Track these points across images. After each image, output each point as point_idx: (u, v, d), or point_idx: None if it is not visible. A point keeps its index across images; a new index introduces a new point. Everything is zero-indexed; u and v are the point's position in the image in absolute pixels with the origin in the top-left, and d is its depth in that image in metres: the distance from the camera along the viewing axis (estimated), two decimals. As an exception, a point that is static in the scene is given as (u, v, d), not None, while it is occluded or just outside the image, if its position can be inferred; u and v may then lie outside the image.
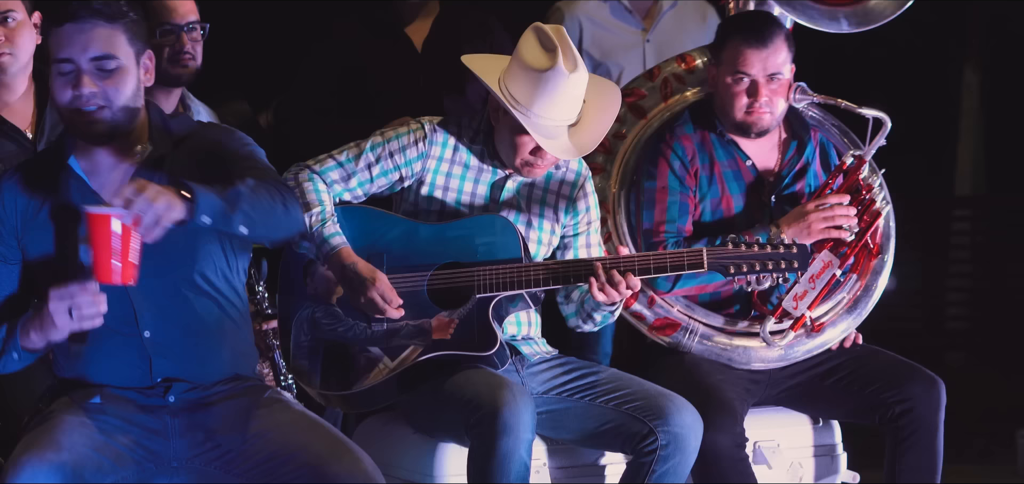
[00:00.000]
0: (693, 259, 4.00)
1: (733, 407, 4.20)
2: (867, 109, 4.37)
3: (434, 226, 4.07)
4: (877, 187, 4.41)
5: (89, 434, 3.34)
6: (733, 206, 4.42)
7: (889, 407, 4.30)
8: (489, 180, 4.14)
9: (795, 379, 4.43)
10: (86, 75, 3.34)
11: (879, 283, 4.53)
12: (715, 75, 4.41)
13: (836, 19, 4.60)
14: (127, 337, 3.43)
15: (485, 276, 3.99)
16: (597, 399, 4.04)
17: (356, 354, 4.03)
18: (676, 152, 4.39)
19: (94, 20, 3.34)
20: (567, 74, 3.96)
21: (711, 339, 4.38)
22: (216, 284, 3.51)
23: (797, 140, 4.48)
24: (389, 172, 4.10)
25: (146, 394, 3.44)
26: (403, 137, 4.11)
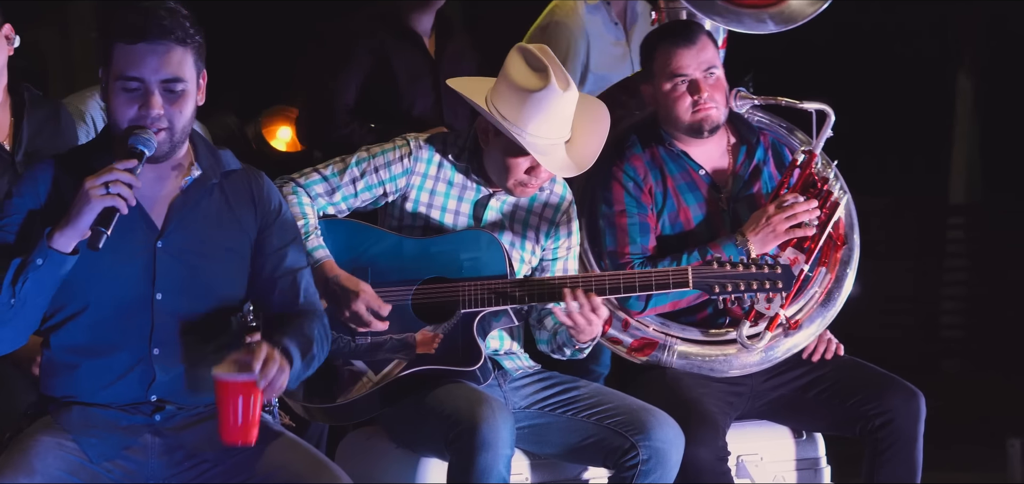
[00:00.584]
0: (679, 278, 4.02)
1: (714, 420, 4.22)
2: (809, 103, 4.40)
3: (419, 241, 4.09)
4: (832, 178, 4.44)
5: (64, 457, 3.35)
6: (691, 217, 4.44)
7: (869, 419, 4.32)
8: (473, 198, 4.16)
9: (777, 391, 4.45)
10: (155, 96, 3.35)
11: (849, 273, 4.55)
12: (652, 91, 4.44)
13: (762, 21, 4.63)
14: (134, 352, 3.43)
15: (470, 291, 4.01)
16: (579, 414, 4.06)
17: (339, 367, 4.05)
18: (627, 173, 4.41)
19: (168, 42, 3.35)
20: (561, 92, 3.98)
21: (690, 353, 4.39)
22: (233, 304, 3.54)
23: (746, 144, 4.51)
24: (374, 187, 4.12)
25: (132, 412, 3.44)
26: (388, 153, 4.13)
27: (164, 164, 3.46)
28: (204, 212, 3.49)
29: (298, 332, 3.47)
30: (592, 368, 5.16)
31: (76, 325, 3.42)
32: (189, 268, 3.44)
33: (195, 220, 3.47)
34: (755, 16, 4.62)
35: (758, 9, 4.64)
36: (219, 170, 3.53)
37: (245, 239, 3.54)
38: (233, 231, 3.52)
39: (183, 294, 3.44)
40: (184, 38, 3.37)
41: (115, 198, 3.25)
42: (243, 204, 3.54)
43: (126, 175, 3.27)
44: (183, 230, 3.45)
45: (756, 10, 4.64)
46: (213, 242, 3.48)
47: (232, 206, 3.52)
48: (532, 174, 4.06)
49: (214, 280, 3.48)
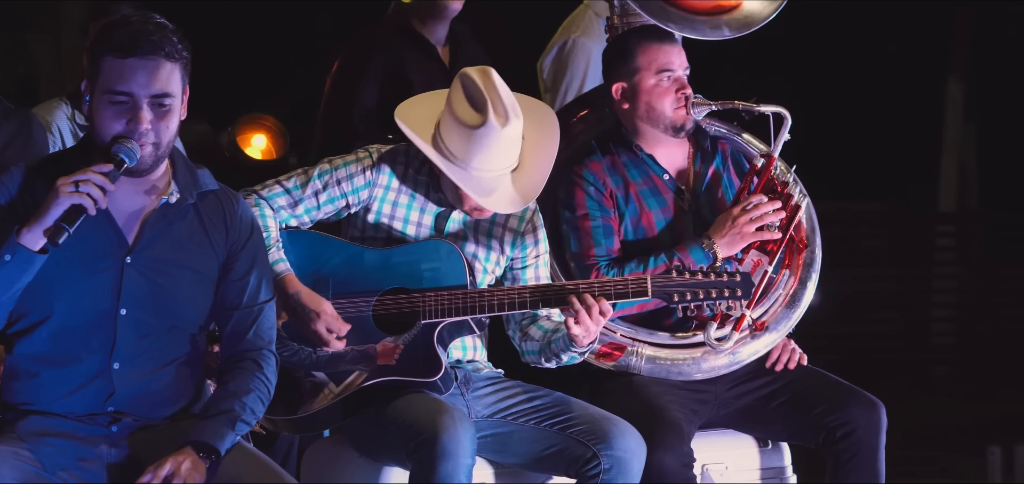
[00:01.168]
0: (637, 287, 4.02)
1: (680, 427, 4.24)
2: (766, 106, 4.42)
3: (380, 251, 4.11)
4: (792, 182, 4.46)
5: (20, 467, 3.38)
6: (654, 221, 4.46)
7: (831, 430, 4.34)
8: (435, 210, 4.18)
9: (740, 400, 4.47)
10: (143, 111, 3.38)
11: (812, 276, 4.56)
12: (628, 88, 4.45)
13: (718, 28, 4.64)
14: (94, 365, 3.46)
15: (430, 302, 4.02)
16: (542, 422, 4.07)
17: (301, 378, 4.07)
18: (587, 179, 4.44)
19: (158, 57, 3.38)
20: (499, 128, 3.98)
21: (658, 357, 4.40)
22: (194, 328, 3.57)
23: (701, 150, 4.54)
24: (336, 200, 4.14)
25: (89, 423, 3.47)
26: (351, 165, 4.15)
27: (141, 180, 3.48)
28: (177, 232, 3.51)
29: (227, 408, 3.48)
30: None
31: (39, 333, 3.45)
32: (155, 286, 3.47)
33: (167, 239, 3.50)
34: (711, 23, 4.64)
35: (714, 16, 4.65)
36: (196, 190, 3.55)
37: (214, 261, 3.56)
38: (203, 254, 3.55)
39: (147, 311, 3.47)
40: (173, 54, 3.40)
41: (84, 196, 3.28)
42: (216, 226, 3.57)
43: (99, 177, 3.30)
44: (153, 248, 3.48)
45: (712, 17, 4.65)
46: (182, 263, 3.51)
47: (206, 228, 3.55)
48: (479, 210, 4.09)
49: (179, 301, 3.51)
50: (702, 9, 4.65)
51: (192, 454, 3.36)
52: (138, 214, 3.49)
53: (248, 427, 3.52)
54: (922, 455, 7.40)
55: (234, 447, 3.49)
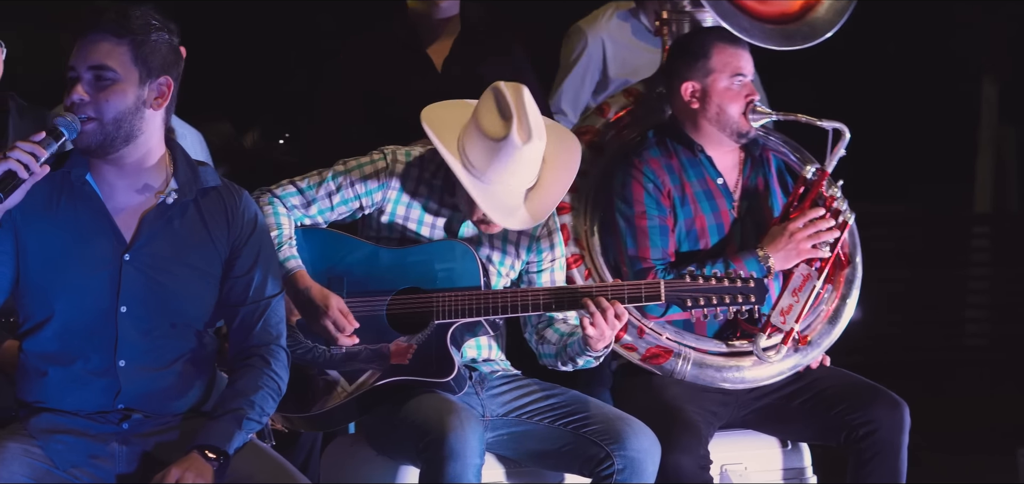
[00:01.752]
0: (651, 291, 4.01)
1: (697, 428, 4.21)
2: (826, 121, 4.38)
3: (395, 251, 4.10)
4: (839, 198, 4.42)
5: (30, 464, 3.39)
6: (706, 226, 4.43)
7: (853, 429, 4.31)
8: (448, 216, 4.17)
9: (761, 401, 4.43)
10: (81, 84, 3.40)
11: (853, 293, 4.53)
12: (699, 89, 4.40)
13: (791, 37, 4.61)
14: (99, 363, 3.47)
15: (444, 302, 4.02)
16: (556, 421, 4.06)
17: (314, 376, 4.07)
18: (647, 175, 4.40)
19: (102, 33, 3.40)
20: (521, 145, 3.95)
21: (704, 363, 4.38)
22: (199, 324, 3.56)
23: (751, 158, 4.50)
24: (350, 201, 4.14)
25: (99, 420, 3.48)
26: (366, 167, 4.14)
27: (138, 177, 3.48)
28: (176, 230, 3.51)
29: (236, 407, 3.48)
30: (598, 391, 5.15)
31: (44, 333, 3.46)
32: (155, 284, 3.47)
33: (166, 237, 3.49)
34: (782, 32, 4.61)
35: (782, 24, 4.63)
36: (197, 186, 3.55)
37: (216, 258, 3.55)
38: (205, 250, 3.54)
39: (148, 308, 3.47)
40: (121, 32, 3.40)
41: (12, 162, 3.28)
42: (218, 223, 3.56)
43: (30, 144, 3.30)
44: (152, 246, 3.48)
45: (781, 26, 4.62)
46: (182, 261, 3.51)
47: (207, 225, 3.54)
48: (488, 225, 4.07)
49: (180, 298, 3.50)
50: (771, 17, 4.63)
51: (197, 461, 3.36)
52: (136, 212, 3.49)
53: (258, 425, 3.51)
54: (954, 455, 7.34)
55: (247, 446, 3.49)
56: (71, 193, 3.47)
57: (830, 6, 4.62)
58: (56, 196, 3.47)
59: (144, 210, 3.49)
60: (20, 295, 3.48)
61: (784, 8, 4.63)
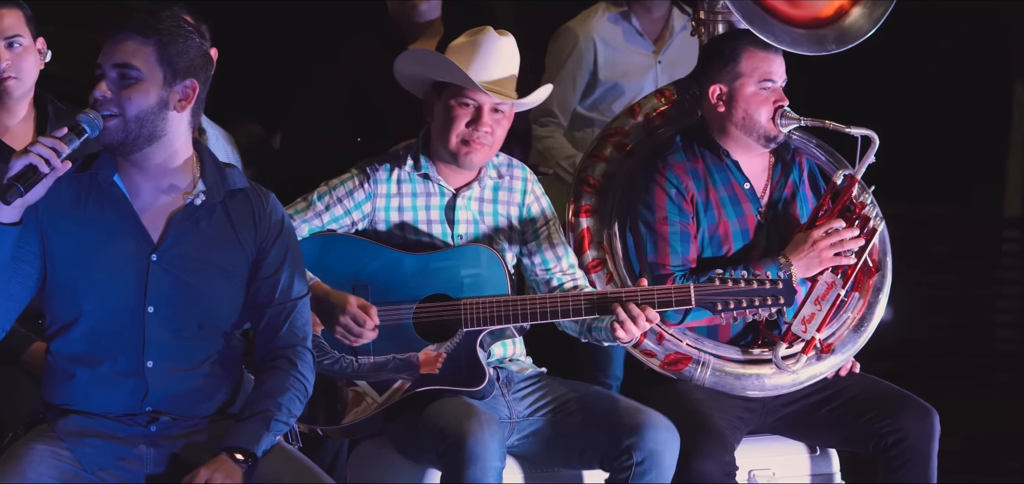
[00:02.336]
0: (681, 295, 4.02)
1: (722, 435, 4.19)
2: (855, 128, 4.36)
3: (418, 256, 4.11)
4: (870, 205, 4.40)
5: (58, 466, 3.39)
6: (730, 231, 4.41)
7: (882, 437, 4.28)
8: (440, 203, 4.18)
9: (789, 407, 4.41)
10: (105, 81, 3.41)
11: (881, 300, 4.51)
12: (727, 92, 4.38)
13: (823, 43, 4.57)
14: (127, 364, 3.47)
15: (472, 310, 4.02)
16: (574, 417, 4.08)
17: (342, 387, 4.08)
18: (671, 181, 4.38)
19: (128, 32, 3.41)
20: (498, 36, 4.10)
21: (723, 370, 4.36)
22: (226, 326, 3.56)
23: (781, 163, 4.48)
24: (340, 218, 4.16)
25: (128, 423, 3.48)
26: (347, 183, 4.17)
27: (165, 177, 3.48)
28: (203, 231, 3.51)
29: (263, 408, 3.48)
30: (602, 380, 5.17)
31: (72, 334, 3.46)
32: (181, 284, 3.47)
33: (193, 238, 3.49)
34: (813, 37, 4.57)
35: (815, 29, 4.59)
36: (224, 188, 3.55)
37: (243, 260, 3.55)
38: (232, 252, 3.54)
39: (174, 309, 3.47)
40: (148, 32, 3.41)
41: (34, 156, 3.28)
42: (245, 224, 3.56)
43: (51, 140, 3.31)
44: (179, 246, 3.48)
45: (815, 31, 4.58)
46: (209, 262, 3.50)
47: (234, 226, 3.54)
48: (475, 126, 4.08)
49: (207, 299, 3.50)
50: (803, 21, 4.59)
51: (226, 463, 3.36)
52: (163, 213, 3.49)
53: (286, 427, 3.51)
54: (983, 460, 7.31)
55: (274, 448, 3.48)
56: (99, 194, 3.48)
57: (863, 12, 4.58)
58: (83, 197, 3.47)
59: (171, 211, 3.49)
60: (47, 296, 3.48)
61: (816, 12, 4.59)
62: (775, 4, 4.55)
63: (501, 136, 4.15)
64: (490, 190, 4.22)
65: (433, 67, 4.13)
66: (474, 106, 4.09)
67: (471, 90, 4.06)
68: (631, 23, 5.52)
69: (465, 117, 4.08)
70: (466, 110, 4.09)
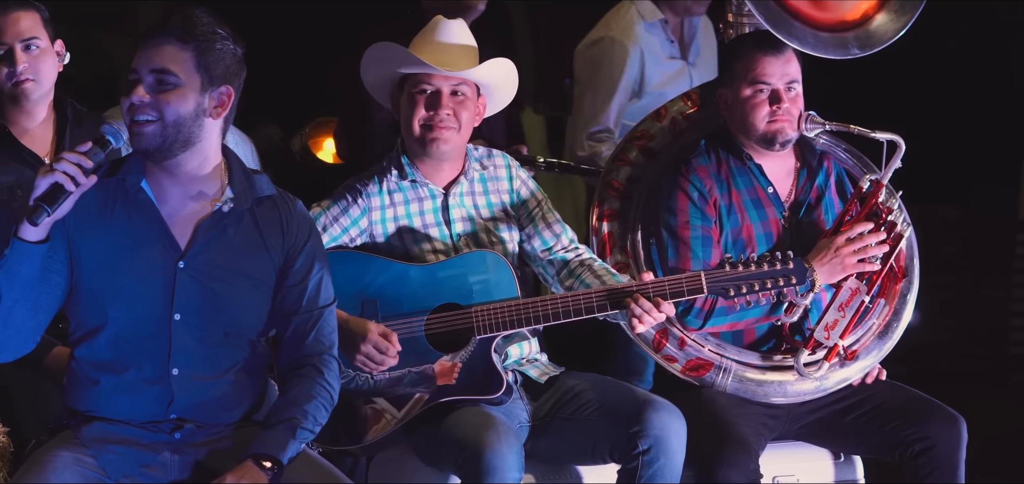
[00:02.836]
0: (692, 283, 4.01)
1: (747, 443, 4.17)
2: (881, 133, 4.33)
3: (425, 267, 4.10)
4: (896, 209, 4.37)
5: (82, 472, 3.37)
6: (754, 234, 4.38)
7: (909, 445, 4.25)
8: (433, 206, 4.17)
9: (814, 414, 4.38)
10: (143, 86, 3.38)
11: (907, 307, 4.49)
12: (729, 95, 4.37)
13: (846, 46, 4.53)
14: (152, 371, 3.44)
15: (483, 316, 4.00)
16: (586, 411, 4.06)
17: (360, 406, 4.06)
18: (693, 184, 4.35)
19: (165, 37, 3.39)
20: (447, 19, 4.13)
21: (745, 376, 4.33)
22: (252, 334, 3.54)
23: (808, 167, 4.45)
24: (339, 237, 4.15)
25: (152, 429, 3.45)
26: (340, 203, 4.16)
27: (193, 184, 3.46)
28: (231, 238, 3.49)
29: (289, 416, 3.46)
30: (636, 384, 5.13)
31: (97, 341, 3.44)
32: (209, 292, 3.45)
33: (221, 245, 3.47)
34: (839, 41, 4.54)
35: (841, 33, 4.55)
36: (252, 196, 3.53)
37: (271, 267, 3.53)
38: (260, 259, 3.52)
39: (202, 317, 3.45)
40: (186, 38, 3.39)
41: (59, 175, 3.24)
42: (272, 231, 3.54)
43: (76, 156, 3.28)
44: (207, 253, 3.46)
45: (839, 35, 4.55)
46: (236, 269, 3.48)
47: (262, 233, 3.52)
48: (435, 107, 4.07)
49: (234, 306, 3.48)
50: (827, 24, 4.55)
51: (252, 469, 3.34)
52: (191, 219, 3.47)
53: (311, 435, 3.49)
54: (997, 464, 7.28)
55: (298, 455, 3.46)
56: (126, 200, 3.46)
57: (888, 17, 4.55)
58: (110, 203, 3.45)
59: (199, 218, 3.47)
60: (72, 303, 3.46)
61: (840, 15, 4.56)
62: (798, 6, 4.52)
63: (468, 121, 4.12)
64: (479, 183, 4.22)
65: (386, 60, 4.11)
66: (431, 90, 4.08)
67: (425, 73, 4.06)
68: (666, 31, 5.47)
69: (424, 102, 4.08)
70: (424, 95, 4.08)
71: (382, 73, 4.16)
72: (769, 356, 4.37)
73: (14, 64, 4.17)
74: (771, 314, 4.33)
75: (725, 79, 4.41)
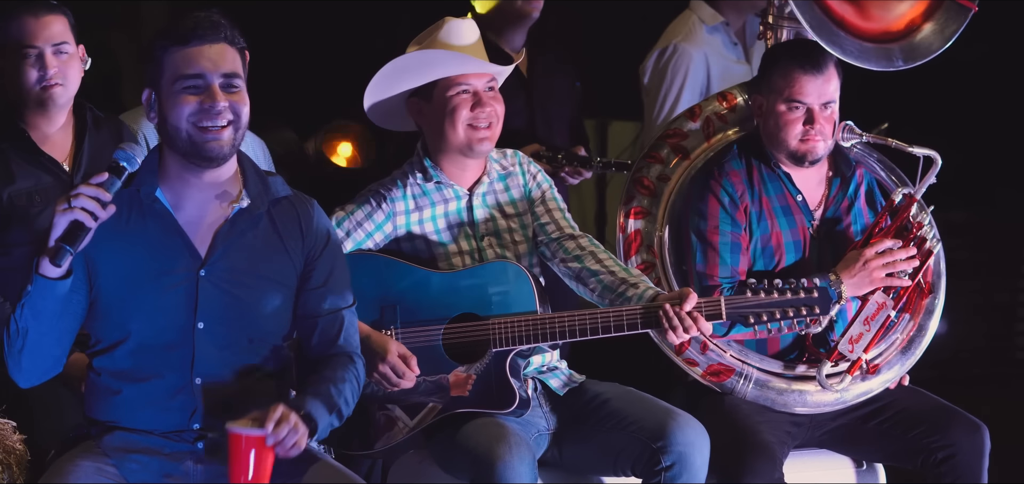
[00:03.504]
0: (712, 309, 3.92)
1: (771, 451, 4.14)
2: (918, 148, 4.30)
3: (446, 275, 4.08)
4: (927, 226, 4.33)
5: (104, 482, 3.34)
6: (782, 242, 4.36)
7: (931, 452, 4.23)
8: (457, 206, 4.16)
9: (837, 421, 4.36)
10: (217, 88, 3.34)
11: (932, 323, 4.46)
12: (764, 104, 4.34)
13: (891, 58, 4.50)
14: (176, 381, 3.41)
15: (500, 329, 3.97)
16: (607, 423, 4.02)
17: (374, 412, 4.04)
18: (725, 188, 4.32)
19: (220, 40, 3.36)
20: (458, 20, 4.13)
21: (766, 384, 4.31)
22: (276, 338, 3.51)
23: (841, 177, 4.42)
24: (362, 242, 4.12)
25: (175, 439, 3.42)
26: (364, 208, 4.14)
27: (213, 188, 3.43)
28: (250, 241, 3.46)
29: (325, 390, 3.44)
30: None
31: (118, 352, 3.41)
32: (232, 298, 3.42)
33: (240, 249, 3.44)
34: (884, 51, 4.50)
35: (886, 44, 4.51)
36: (268, 198, 3.50)
37: (292, 269, 3.51)
38: (280, 261, 3.49)
39: (225, 324, 3.41)
40: (233, 39, 3.37)
41: (78, 212, 3.20)
42: (292, 233, 3.52)
43: (92, 189, 3.23)
44: (227, 259, 3.43)
45: (884, 45, 4.50)
46: (258, 272, 3.45)
47: (281, 235, 3.50)
48: (480, 108, 4.06)
49: (257, 311, 3.45)
50: (872, 34, 4.50)
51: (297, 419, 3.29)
52: (211, 226, 3.43)
53: (341, 418, 3.45)
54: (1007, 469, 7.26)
55: (317, 461, 3.45)
56: (141, 211, 3.42)
57: (935, 28, 4.51)
58: (126, 215, 3.40)
59: (217, 224, 3.44)
60: (92, 317, 3.42)
61: (886, 25, 4.51)
62: (844, 14, 4.48)
63: (501, 113, 4.13)
64: (499, 181, 4.21)
65: (424, 68, 4.09)
66: (471, 91, 4.08)
67: (464, 75, 4.06)
68: (728, 33, 5.46)
69: (467, 103, 4.07)
70: (466, 96, 4.07)
71: (404, 86, 4.12)
72: (792, 366, 4.33)
73: (45, 68, 4.14)
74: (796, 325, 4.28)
75: (762, 86, 4.36)
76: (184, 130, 3.35)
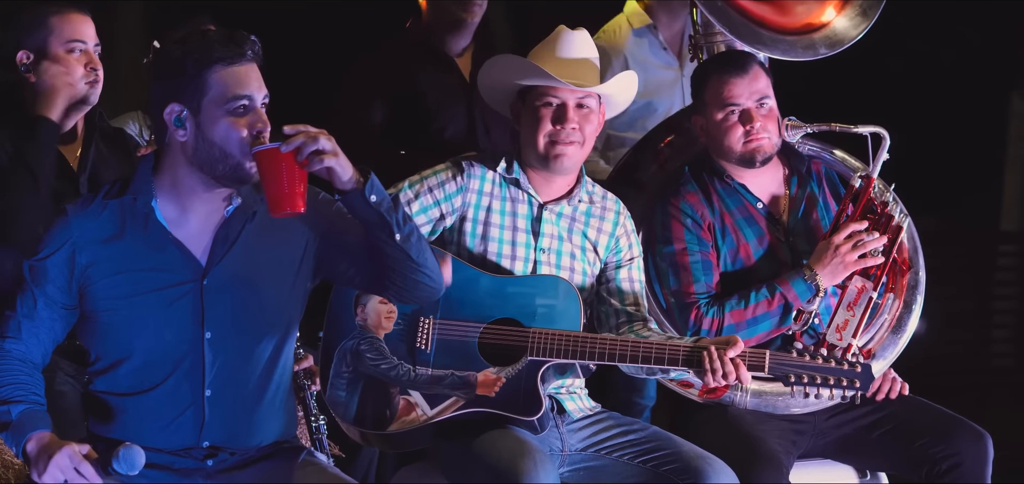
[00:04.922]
0: (755, 360, 3.88)
1: (778, 459, 4.14)
2: (863, 127, 4.33)
3: (496, 278, 4.03)
4: (891, 201, 4.36)
5: None
6: (751, 252, 4.37)
7: (936, 462, 4.23)
8: (527, 213, 4.11)
9: (840, 430, 4.36)
10: (260, 111, 3.29)
11: (918, 297, 4.48)
12: (704, 122, 4.37)
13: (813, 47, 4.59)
14: (185, 395, 3.35)
15: (540, 340, 3.93)
16: (635, 459, 3.98)
17: (393, 394, 3.97)
18: (685, 211, 4.34)
19: (254, 61, 3.30)
20: (571, 30, 4.10)
21: (763, 392, 4.30)
22: (283, 350, 3.45)
23: (797, 174, 4.44)
24: (429, 208, 4.07)
25: (184, 457, 3.36)
26: (441, 173, 4.10)
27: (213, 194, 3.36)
28: (247, 238, 3.39)
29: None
30: (636, 400, 5.10)
31: (121, 370, 3.35)
32: (238, 300, 3.35)
33: (240, 248, 3.38)
34: (804, 42, 4.57)
35: (806, 35, 4.58)
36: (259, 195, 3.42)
37: (295, 252, 3.44)
38: (280, 249, 3.42)
39: (234, 328, 3.36)
40: (259, 59, 3.34)
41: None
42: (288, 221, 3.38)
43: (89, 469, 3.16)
44: (228, 261, 3.37)
45: (804, 36, 4.58)
46: (260, 266, 3.39)
47: (276, 223, 3.36)
48: (561, 123, 4.03)
49: (265, 307, 3.39)
50: (793, 28, 4.58)
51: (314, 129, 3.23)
52: (206, 231, 3.37)
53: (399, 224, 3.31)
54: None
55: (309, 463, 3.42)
56: (136, 222, 3.34)
57: (852, 19, 4.60)
58: (120, 228, 3.34)
59: (212, 228, 3.37)
60: (91, 335, 3.36)
61: (806, 19, 4.61)
62: (764, 15, 4.57)
63: (591, 134, 4.09)
64: (582, 213, 4.15)
65: (510, 70, 4.10)
66: (557, 103, 4.04)
67: (552, 87, 4.03)
68: (656, 37, 5.45)
69: (549, 116, 4.04)
70: (549, 109, 4.04)
71: (503, 82, 4.13)
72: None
73: (96, 66, 4.08)
74: (781, 325, 4.29)
75: (697, 106, 4.40)
76: (236, 154, 3.27)
